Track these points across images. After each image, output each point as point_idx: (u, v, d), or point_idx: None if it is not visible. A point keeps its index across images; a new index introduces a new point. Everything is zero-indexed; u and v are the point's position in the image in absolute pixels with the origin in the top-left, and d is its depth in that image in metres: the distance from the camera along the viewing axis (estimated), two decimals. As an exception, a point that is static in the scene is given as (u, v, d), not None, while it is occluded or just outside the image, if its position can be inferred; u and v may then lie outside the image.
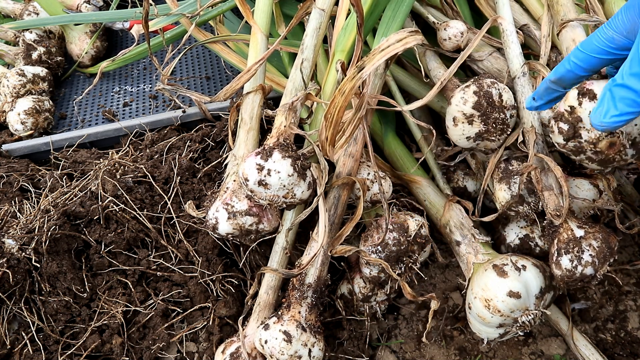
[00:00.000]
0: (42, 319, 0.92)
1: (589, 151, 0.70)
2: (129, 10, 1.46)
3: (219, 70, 1.46)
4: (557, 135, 0.71)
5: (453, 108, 0.85)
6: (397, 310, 1.01)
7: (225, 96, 0.93)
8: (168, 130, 1.18)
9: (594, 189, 0.89)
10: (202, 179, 1.05)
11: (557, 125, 0.70)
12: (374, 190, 0.90)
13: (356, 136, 0.89)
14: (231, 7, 1.23)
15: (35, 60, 1.42)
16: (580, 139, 0.69)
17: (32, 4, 1.54)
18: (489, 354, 0.95)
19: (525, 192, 0.87)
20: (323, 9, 0.91)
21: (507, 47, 0.91)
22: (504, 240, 0.96)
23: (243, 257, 0.97)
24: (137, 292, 0.96)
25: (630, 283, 1.02)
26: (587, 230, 0.79)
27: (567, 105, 0.68)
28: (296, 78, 0.89)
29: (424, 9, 1.09)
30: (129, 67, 1.53)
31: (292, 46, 1.16)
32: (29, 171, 1.13)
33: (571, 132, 0.69)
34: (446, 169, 1.05)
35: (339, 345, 0.94)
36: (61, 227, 0.93)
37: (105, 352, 0.93)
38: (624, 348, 0.94)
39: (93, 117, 1.38)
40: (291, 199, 0.78)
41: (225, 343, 0.87)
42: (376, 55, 0.77)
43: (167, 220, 0.99)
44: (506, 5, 0.94)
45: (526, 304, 0.79)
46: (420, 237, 0.89)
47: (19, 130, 1.26)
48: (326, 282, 0.86)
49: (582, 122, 0.68)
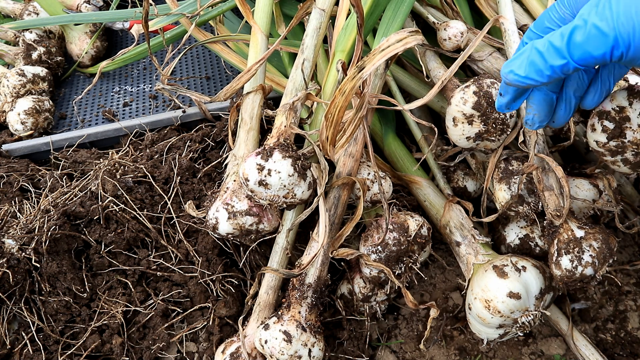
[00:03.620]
0: (42, 319, 0.92)
1: (630, 152, 0.70)
2: (129, 10, 1.45)
3: (219, 70, 1.46)
4: (599, 133, 0.70)
5: (453, 108, 0.85)
6: (397, 310, 1.01)
7: (225, 96, 0.93)
8: (168, 130, 1.18)
9: (594, 189, 0.89)
10: (202, 179, 1.05)
11: (601, 123, 0.69)
12: (374, 190, 0.90)
13: (356, 136, 0.89)
14: (231, 7, 1.23)
15: (35, 60, 1.41)
16: (624, 138, 0.69)
17: (32, 4, 1.54)
18: (489, 354, 0.95)
19: (525, 192, 0.87)
20: (323, 9, 0.91)
21: (509, 47, 0.91)
22: (504, 240, 0.96)
23: (243, 257, 0.97)
24: (137, 292, 0.96)
25: (630, 283, 1.02)
26: (588, 231, 0.79)
27: (616, 104, 0.68)
28: (296, 78, 0.89)
29: (424, 9, 1.09)
30: (129, 67, 1.53)
31: (292, 46, 1.16)
32: (29, 171, 1.13)
33: (617, 131, 0.69)
34: (446, 169, 1.05)
35: (339, 345, 0.94)
36: (61, 227, 0.93)
37: (105, 352, 0.93)
38: (624, 348, 0.94)
39: (93, 117, 1.38)
40: (291, 199, 0.78)
41: (225, 343, 0.87)
42: (376, 55, 0.77)
43: (167, 220, 0.99)
44: (508, 5, 0.94)
45: (526, 304, 0.79)
46: (420, 237, 0.89)
47: (19, 130, 1.26)
48: (326, 282, 0.86)
49: (630, 121, 0.68)
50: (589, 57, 0.51)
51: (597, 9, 0.50)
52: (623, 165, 0.72)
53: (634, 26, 0.48)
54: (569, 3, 0.58)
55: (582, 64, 0.52)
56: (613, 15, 0.49)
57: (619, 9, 0.49)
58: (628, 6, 0.48)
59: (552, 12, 0.59)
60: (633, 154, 0.70)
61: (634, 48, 0.49)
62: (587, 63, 0.52)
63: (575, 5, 0.57)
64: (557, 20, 0.59)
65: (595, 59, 0.51)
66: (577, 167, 0.96)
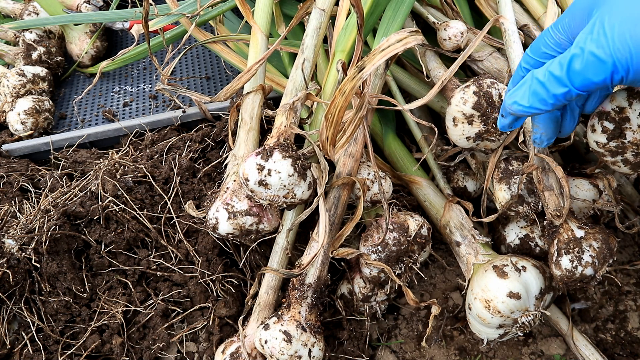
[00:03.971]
0: (42, 319, 0.92)
1: (630, 152, 0.70)
2: (129, 10, 1.45)
3: (219, 70, 1.46)
4: (599, 134, 0.71)
5: (453, 108, 0.85)
6: (397, 310, 1.01)
7: (225, 96, 0.93)
8: (168, 130, 1.18)
9: (594, 189, 0.89)
10: (202, 179, 1.05)
11: (601, 124, 0.70)
12: (374, 190, 0.90)
13: (356, 136, 0.89)
14: (231, 7, 1.23)
15: (35, 60, 1.41)
16: (624, 139, 0.69)
17: (32, 4, 1.54)
18: (489, 354, 0.95)
19: (525, 192, 0.87)
20: (323, 9, 0.91)
21: (509, 47, 0.91)
22: (504, 240, 0.96)
23: (243, 257, 0.97)
24: (137, 292, 0.96)
25: (630, 283, 1.02)
26: (588, 231, 0.79)
27: (615, 105, 0.68)
28: (297, 78, 0.89)
29: (424, 9, 1.09)
30: (129, 67, 1.53)
31: (292, 46, 1.16)
32: (29, 171, 1.13)
33: (617, 132, 0.69)
34: (446, 169, 1.05)
35: (339, 345, 0.94)
36: (61, 227, 0.93)
37: (105, 352, 0.93)
38: (624, 348, 0.94)
39: (93, 117, 1.38)
40: (291, 199, 0.78)
41: (225, 343, 0.87)
42: (376, 55, 0.77)
43: (167, 220, 0.99)
44: (508, 5, 0.94)
45: (526, 304, 0.79)
46: (420, 237, 0.89)
47: (19, 130, 1.26)
48: (326, 282, 0.86)
49: (630, 122, 0.68)
50: (590, 84, 0.52)
51: (592, 36, 0.50)
52: (623, 165, 0.72)
53: (630, 51, 0.48)
54: (563, 28, 0.58)
55: (584, 90, 0.53)
56: (609, 41, 0.49)
57: (614, 34, 0.49)
58: (622, 32, 0.48)
59: (547, 37, 0.60)
60: (633, 154, 0.70)
61: (633, 71, 0.49)
62: (589, 89, 0.52)
63: (570, 30, 0.57)
64: (553, 45, 0.59)
65: (596, 84, 0.51)
66: (577, 167, 0.96)
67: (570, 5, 0.58)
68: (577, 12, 0.55)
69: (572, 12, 0.56)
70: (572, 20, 0.56)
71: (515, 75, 0.65)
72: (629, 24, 0.48)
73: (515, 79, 0.65)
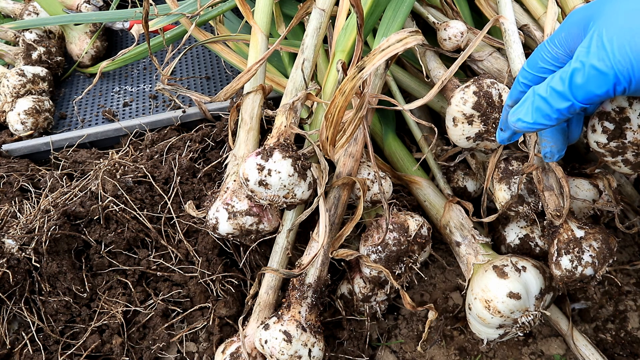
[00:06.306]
0: (42, 319, 0.92)
1: (630, 152, 0.70)
2: (129, 10, 1.45)
3: (219, 70, 1.46)
4: (599, 134, 0.70)
5: (453, 108, 0.85)
6: (397, 310, 1.01)
7: (225, 96, 0.93)
8: (168, 130, 1.18)
9: (594, 189, 0.89)
10: (202, 179, 1.05)
11: (601, 124, 0.70)
12: (374, 190, 0.90)
13: (356, 136, 0.89)
14: (231, 7, 1.23)
15: (35, 60, 1.41)
16: (625, 139, 0.69)
17: (32, 4, 1.54)
18: (489, 354, 0.95)
19: (525, 192, 0.87)
20: (323, 9, 0.91)
21: (509, 47, 0.91)
22: (504, 240, 0.96)
23: (243, 257, 0.97)
24: (137, 292, 0.96)
25: (630, 283, 1.02)
26: (588, 231, 0.79)
27: (616, 105, 0.68)
28: (297, 78, 0.89)
29: (424, 9, 1.09)
30: (129, 67, 1.53)
31: (292, 46, 1.16)
32: (29, 171, 1.13)
33: (617, 132, 0.69)
34: (446, 169, 1.06)
35: (339, 345, 0.94)
36: (61, 227, 0.93)
37: (105, 352, 0.93)
38: (624, 348, 0.94)
39: (93, 117, 1.38)
40: (292, 199, 0.78)
41: (225, 343, 0.87)
42: (377, 55, 0.77)
43: (167, 220, 0.99)
44: (508, 5, 0.94)
45: (526, 305, 0.79)
46: (420, 237, 0.89)
47: (19, 130, 1.26)
48: (326, 282, 0.86)
49: (630, 122, 0.68)
50: (594, 96, 0.52)
51: (592, 49, 0.51)
52: (623, 165, 0.72)
53: (631, 62, 0.48)
54: (560, 42, 0.58)
55: (587, 103, 0.53)
56: (609, 54, 0.49)
57: (613, 47, 0.49)
58: (621, 44, 0.49)
59: (544, 52, 0.60)
60: (633, 154, 0.70)
61: (635, 82, 0.49)
62: (592, 101, 0.52)
63: (567, 44, 0.57)
64: (551, 60, 0.59)
65: (599, 97, 0.52)
66: (577, 167, 0.96)
67: (565, 20, 0.58)
68: (573, 26, 0.56)
69: (568, 26, 0.56)
70: (569, 35, 0.56)
71: (512, 90, 0.65)
72: (628, 36, 0.48)
73: (513, 94, 0.64)
